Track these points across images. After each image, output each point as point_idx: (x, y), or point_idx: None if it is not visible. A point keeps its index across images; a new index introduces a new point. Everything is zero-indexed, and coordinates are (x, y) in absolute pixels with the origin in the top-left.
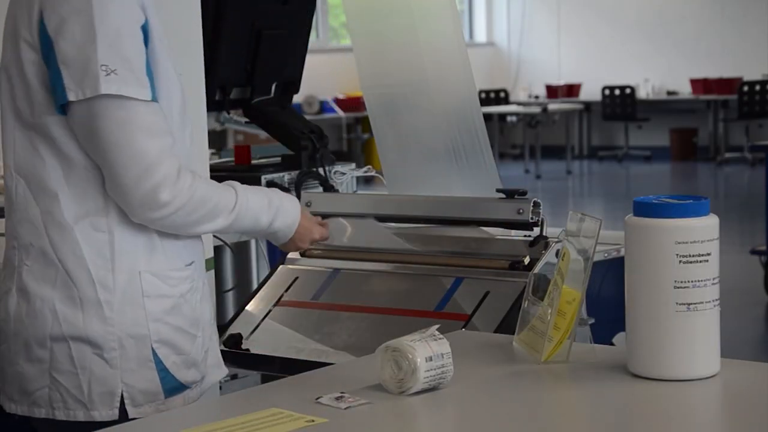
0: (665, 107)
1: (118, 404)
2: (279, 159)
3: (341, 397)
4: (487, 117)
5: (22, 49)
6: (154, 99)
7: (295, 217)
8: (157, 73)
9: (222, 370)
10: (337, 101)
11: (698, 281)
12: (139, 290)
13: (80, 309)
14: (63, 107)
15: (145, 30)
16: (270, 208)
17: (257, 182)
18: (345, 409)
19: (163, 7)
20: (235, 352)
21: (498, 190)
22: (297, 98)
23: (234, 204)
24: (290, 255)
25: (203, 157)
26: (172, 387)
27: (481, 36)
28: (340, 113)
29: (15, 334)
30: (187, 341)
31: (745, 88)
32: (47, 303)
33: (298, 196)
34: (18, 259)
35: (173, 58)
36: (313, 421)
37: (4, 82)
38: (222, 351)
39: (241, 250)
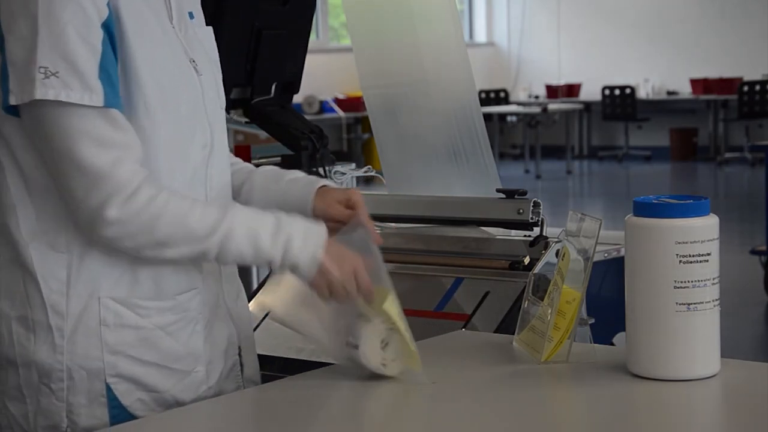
0: (665, 107)
1: None
2: (279, 159)
3: None
4: (487, 117)
5: None
6: (111, 104)
7: (317, 244)
8: (132, 74)
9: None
10: (337, 101)
11: (698, 281)
12: (96, 318)
13: (32, 332)
14: (16, 110)
15: (109, 27)
16: (278, 233)
17: None
18: None
19: None
20: None
21: (498, 190)
22: (297, 98)
23: (213, 228)
24: None
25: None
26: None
27: (481, 36)
28: (340, 113)
29: None
30: (167, 378)
31: (745, 88)
32: (5, 321)
33: None
34: None
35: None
36: None
37: None
38: None
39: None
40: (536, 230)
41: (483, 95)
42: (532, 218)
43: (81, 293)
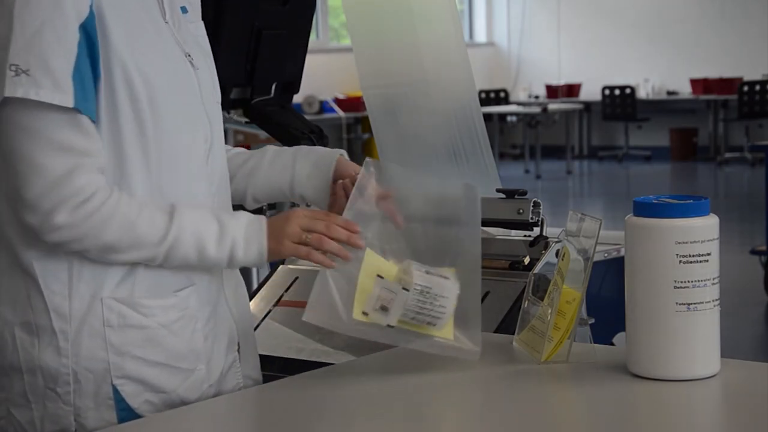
0: (665, 107)
1: None
2: None
3: None
4: (487, 117)
5: None
6: (80, 107)
7: (260, 241)
8: (120, 73)
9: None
10: (337, 101)
11: (698, 281)
12: (100, 319)
13: (36, 337)
14: None
15: (87, 29)
16: (222, 239)
17: None
18: None
19: None
20: None
21: (498, 190)
22: (297, 98)
23: (161, 236)
24: None
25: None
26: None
27: (481, 36)
28: (340, 113)
29: None
30: (172, 378)
31: (745, 88)
32: (8, 328)
33: None
34: None
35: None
36: None
37: None
38: None
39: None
40: (536, 230)
41: (483, 95)
42: (532, 218)
43: (83, 295)
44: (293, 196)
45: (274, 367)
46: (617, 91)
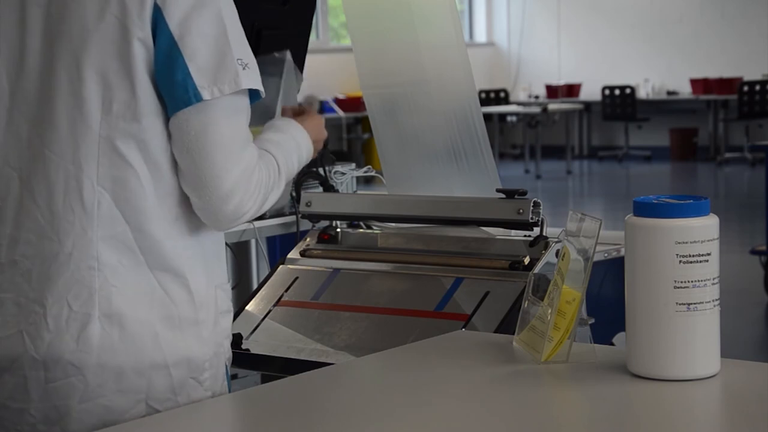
0: (665, 107)
1: None
2: None
3: None
4: (487, 117)
5: (135, 47)
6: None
7: (307, 140)
8: None
9: None
10: (337, 101)
11: (698, 281)
12: (215, 306)
13: (180, 330)
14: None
15: None
16: (299, 148)
17: None
18: None
19: None
20: (235, 352)
21: (498, 190)
22: (297, 98)
23: (276, 169)
24: (290, 255)
25: None
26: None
27: (481, 36)
28: (340, 113)
29: (100, 365)
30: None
31: (745, 88)
32: (147, 327)
33: (298, 196)
34: (99, 280)
35: None
36: None
37: (93, 86)
38: None
39: (241, 250)
40: (536, 230)
41: (483, 95)
42: (532, 218)
43: (210, 284)
44: None
45: (274, 367)
46: (617, 91)
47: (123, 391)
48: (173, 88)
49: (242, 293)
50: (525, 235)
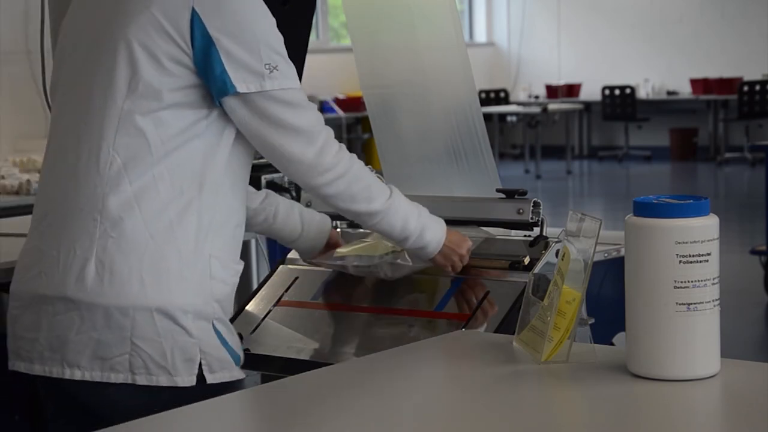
0: (665, 107)
1: (197, 371)
2: None
3: None
4: (487, 117)
5: (165, 41)
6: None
7: (442, 232)
8: None
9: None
10: (337, 101)
11: (698, 281)
12: (206, 271)
13: (166, 281)
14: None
15: None
16: (419, 217)
17: (257, 182)
18: None
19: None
20: None
21: (498, 190)
22: None
23: (389, 195)
24: (290, 255)
25: None
26: (237, 358)
27: (481, 36)
28: (340, 113)
29: (91, 303)
30: (231, 331)
31: (745, 88)
32: (134, 274)
33: (299, 196)
34: (100, 230)
35: None
36: None
37: (124, 68)
38: None
39: (241, 249)
40: (536, 230)
41: (483, 95)
42: (532, 218)
43: (204, 250)
44: (290, 246)
45: (274, 367)
46: (617, 91)
47: (111, 328)
48: (214, 81)
49: (242, 293)
50: (525, 235)
